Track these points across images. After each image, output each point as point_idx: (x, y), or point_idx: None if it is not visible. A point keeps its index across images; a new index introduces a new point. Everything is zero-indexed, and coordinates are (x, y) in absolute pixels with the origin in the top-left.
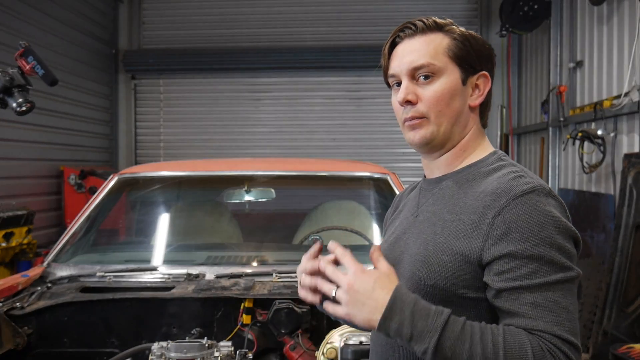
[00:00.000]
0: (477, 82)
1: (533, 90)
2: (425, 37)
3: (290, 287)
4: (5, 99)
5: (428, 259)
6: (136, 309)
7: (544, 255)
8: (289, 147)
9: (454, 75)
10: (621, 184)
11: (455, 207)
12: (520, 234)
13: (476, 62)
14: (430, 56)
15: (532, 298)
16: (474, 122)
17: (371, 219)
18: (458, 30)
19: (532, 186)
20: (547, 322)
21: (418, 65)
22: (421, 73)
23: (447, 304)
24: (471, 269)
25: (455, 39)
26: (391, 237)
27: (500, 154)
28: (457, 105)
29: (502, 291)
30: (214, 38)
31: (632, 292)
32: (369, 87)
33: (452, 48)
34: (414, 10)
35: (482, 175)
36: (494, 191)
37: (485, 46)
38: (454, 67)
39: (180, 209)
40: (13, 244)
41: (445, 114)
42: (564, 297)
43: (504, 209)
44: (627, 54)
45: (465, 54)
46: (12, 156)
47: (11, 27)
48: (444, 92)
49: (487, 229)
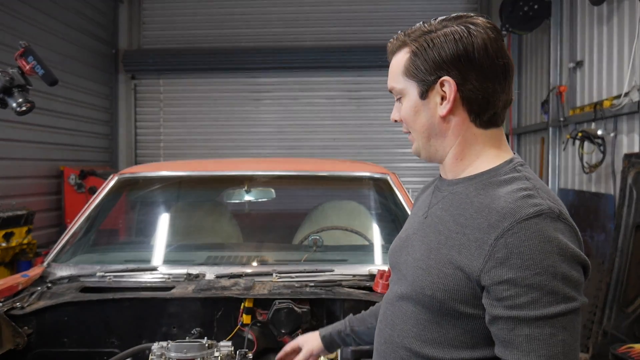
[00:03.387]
0: (443, 90)
1: (533, 90)
2: (395, 57)
3: (290, 287)
4: (5, 99)
5: (429, 269)
6: (136, 309)
7: (545, 284)
8: (289, 147)
9: (412, 92)
10: (621, 184)
11: (462, 218)
12: (521, 260)
13: (431, 71)
14: (393, 79)
15: (528, 330)
16: (458, 130)
17: (371, 219)
18: (421, 40)
19: (539, 209)
20: (540, 356)
21: (389, 89)
22: (395, 95)
23: (445, 315)
24: (470, 286)
25: (412, 52)
26: (403, 234)
27: (516, 162)
28: (424, 121)
29: (499, 319)
30: (214, 38)
31: (632, 292)
32: (369, 87)
33: (406, 65)
34: (414, 10)
35: (493, 185)
36: (499, 210)
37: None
38: (412, 83)
39: (180, 209)
40: (13, 244)
41: (416, 130)
42: (563, 330)
43: (507, 232)
44: (627, 54)
45: (415, 69)
46: (12, 156)
47: (11, 27)
48: (407, 110)
49: (489, 250)
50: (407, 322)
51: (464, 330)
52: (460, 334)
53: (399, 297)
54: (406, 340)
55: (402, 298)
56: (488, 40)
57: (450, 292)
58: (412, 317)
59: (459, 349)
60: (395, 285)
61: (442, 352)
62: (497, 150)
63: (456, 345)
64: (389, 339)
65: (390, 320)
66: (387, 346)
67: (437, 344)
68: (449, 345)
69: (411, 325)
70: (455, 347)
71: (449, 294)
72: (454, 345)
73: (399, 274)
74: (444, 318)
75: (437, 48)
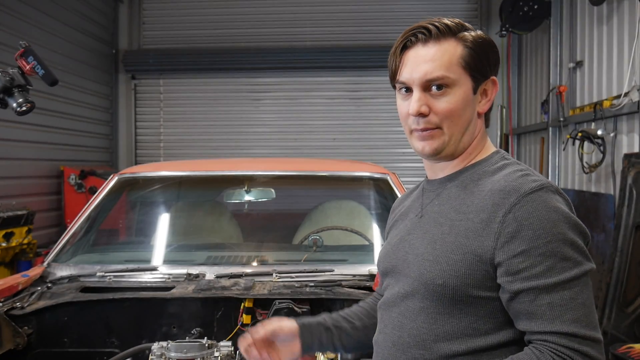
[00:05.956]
0: (485, 88)
1: (533, 90)
2: (438, 45)
3: (290, 287)
4: (6, 99)
5: (437, 258)
6: (136, 309)
7: (558, 251)
8: (289, 147)
9: (467, 85)
10: (621, 184)
11: (462, 207)
12: (532, 231)
13: (487, 69)
14: (445, 68)
15: (549, 298)
16: (480, 127)
17: (371, 219)
18: (470, 37)
19: (540, 184)
20: (564, 321)
21: (433, 77)
22: (434, 84)
23: (457, 303)
24: (483, 268)
25: (469, 47)
26: (394, 239)
27: (502, 153)
28: (468, 115)
29: (520, 292)
30: (214, 38)
31: (632, 292)
32: (369, 87)
33: (465, 58)
34: (414, 10)
35: (488, 174)
36: (502, 189)
37: (494, 50)
38: (466, 77)
39: (180, 209)
40: (13, 244)
41: (458, 124)
42: (581, 293)
43: (515, 206)
44: (627, 54)
45: (478, 63)
46: (12, 156)
47: (11, 27)
48: (457, 104)
49: (499, 227)
50: (416, 319)
51: (476, 317)
52: (473, 322)
53: (402, 297)
54: (418, 337)
55: (407, 297)
56: None
57: (462, 277)
58: (422, 313)
59: (473, 338)
60: (394, 288)
61: (456, 344)
62: (488, 145)
63: (469, 334)
64: (398, 341)
65: (397, 322)
66: (396, 349)
67: (450, 336)
68: (462, 335)
69: (421, 321)
70: (469, 336)
71: (461, 279)
72: (467, 334)
73: (398, 275)
74: (456, 307)
75: (490, 47)
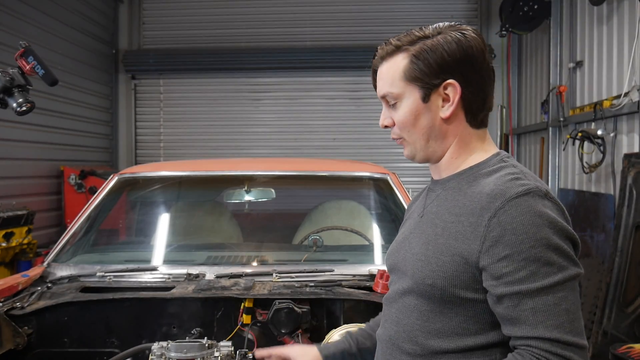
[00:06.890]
0: (445, 93)
1: (533, 90)
2: (387, 62)
3: (290, 287)
4: (6, 99)
5: (428, 259)
6: (136, 309)
7: (542, 256)
8: (289, 147)
9: (414, 96)
10: (621, 184)
11: (456, 209)
12: (515, 236)
13: (435, 75)
14: (389, 84)
15: (532, 303)
16: (456, 131)
17: (371, 219)
18: (417, 48)
19: (527, 188)
20: (547, 326)
21: (382, 95)
22: (388, 99)
23: (447, 303)
24: (469, 270)
25: (410, 59)
26: (400, 237)
27: (503, 155)
28: (425, 123)
29: (503, 297)
30: (214, 38)
31: (632, 292)
32: (369, 87)
33: (406, 70)
34: (413, 10)
35: (483, 176)
36: (489, 192)
37: (444, 53)
38: (412, 88)
39: (180, 209)
40: (13, 244)
41: (415, 133)
42: (565, 298)
43: (499, 210)
44: (627, 54)
45: (419, 73)
46: (12, 156)
47: (11, 27)
48: (406, 115)
49: (484, 232)
50: (410, 315)
51: (466, 317)
52: (462, 321)
53: (401, 293)
54: (412, 333)
55: (405, 293)
56: (482, 45)
57: (449, 278)
58: (416, 310)
59: (463, 337)
60: (396, 284)
61: (447, 341)
62: (486, 147)
63: (460, 333)
64: (395, 335)
65: (394, 317)
66: (392, 343)
67: (441, 333)
68: (453, 333)
69: (415, 318)
70: (459, 335)
71: (449, 281)
72: (457, 333)
73: (399, 272)
74: (446, 306)
75: (439, 52)
